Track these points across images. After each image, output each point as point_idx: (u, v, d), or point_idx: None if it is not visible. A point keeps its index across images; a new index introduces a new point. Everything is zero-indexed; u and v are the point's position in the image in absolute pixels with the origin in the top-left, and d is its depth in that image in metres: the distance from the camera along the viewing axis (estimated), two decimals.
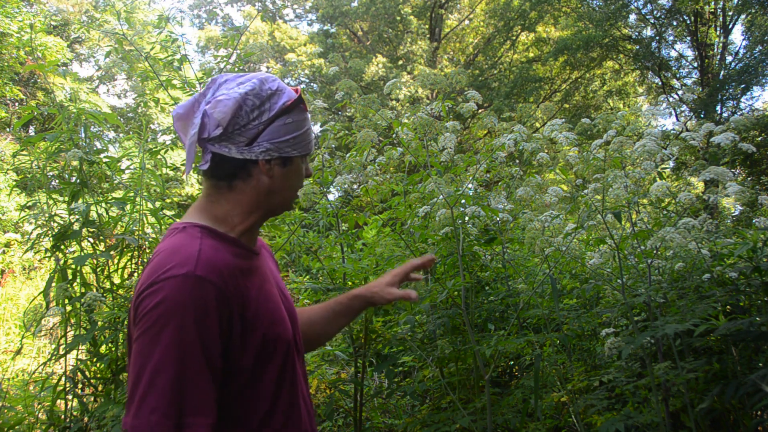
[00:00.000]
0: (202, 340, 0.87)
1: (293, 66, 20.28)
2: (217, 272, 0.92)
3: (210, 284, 0.90)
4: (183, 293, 0.87)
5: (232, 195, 1.03)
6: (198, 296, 0.88)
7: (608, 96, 18.89)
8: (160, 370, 0.84)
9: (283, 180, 1.06)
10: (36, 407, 2.69)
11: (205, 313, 0.88)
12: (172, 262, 0.91)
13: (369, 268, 2.43)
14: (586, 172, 2.08)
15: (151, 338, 0.86)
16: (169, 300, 0.87)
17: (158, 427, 0.83)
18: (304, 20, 26.40)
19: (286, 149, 1.04)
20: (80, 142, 2.48)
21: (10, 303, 6.34)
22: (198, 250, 0.93)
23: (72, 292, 2.32)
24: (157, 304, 0.87)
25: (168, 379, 0.84)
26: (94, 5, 18.23)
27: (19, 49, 10.14)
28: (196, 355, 0.87)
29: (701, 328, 1.93)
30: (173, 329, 0.86)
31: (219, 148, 1.00)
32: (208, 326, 0.89)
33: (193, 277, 0.89)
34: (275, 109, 1.02)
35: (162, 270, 0.90)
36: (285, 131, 1.03)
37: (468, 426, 2.11)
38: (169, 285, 0.88)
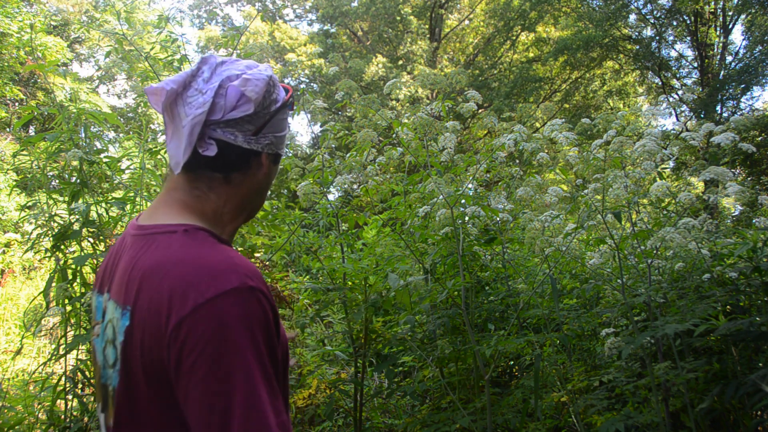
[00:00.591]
0: (272, 357, 0.78)
1: (293, 66, 20.28)
2: (262, 280, 0.81)
3: (262, 294, 0.79)
4: (244, 310, 0.75)
5: (226, 189, 0.91)
6: (258, 309, 0.77)
7: (608, 96, 18.90)
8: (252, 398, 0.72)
9: (270, 178, 0.97)
10: (36, 407, 2.69)
11: (269, 328, 0.78)
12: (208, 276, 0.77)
13: (369, 268, 2.43)
14: (586, 172, 2.08)
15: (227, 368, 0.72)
16: (233, 321, 0.73)
17: None
18: (304, 20, 26.41)
19: (280, 146, 0.96)
20: (80, 142, 2.48)
21: (10, 303, 6.34)
22: (231, 257, 0.81)
23: (72, 292, 2.32)
24: (217, 329, 0.73)
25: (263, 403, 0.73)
26: (94, 5, 18.24)
27: (19, 49, 10.15)
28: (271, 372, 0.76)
29: (701, 328, 1.93)
30: (250, 353, 0.74)
31: (224, 135, 0.88)
32: (274, 341, 0.79)
33: (246, 289, 0.77)
34: (280, 101, 0.94)
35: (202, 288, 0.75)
36: (282, 127, 0.95)
37: (468, 426, 2.11)
38: (224, 304, 0.74)
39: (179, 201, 0.90)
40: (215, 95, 0.87)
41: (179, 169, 0.89)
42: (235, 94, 0.87)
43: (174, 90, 0.88)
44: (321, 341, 3.66)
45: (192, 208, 0.90)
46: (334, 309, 3.79)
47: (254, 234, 2.73)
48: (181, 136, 0.87)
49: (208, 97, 0.87)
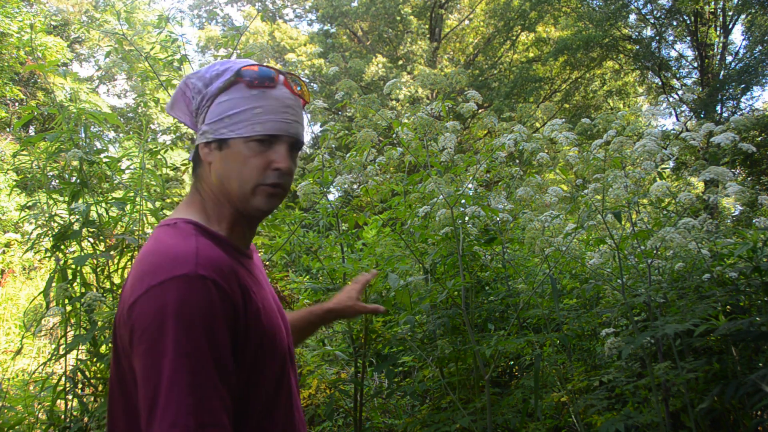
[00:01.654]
0: (212, 345, 0.80)
1: (293, 66, 20.28)
2: (219, 270, 0.85)
3: (213, 284, 0.83)
4: (187, 296, 0.80)
5: (199, 184, 0.99)
6: (203, 298, 0.81)
7: (608, 96, 18.90)
8: (173, 383, 0.77)
9: (223, 164, 0.95)
10: (36, 407, 2.69)
11: (212, 316, 0.81)
12: (168, 263, 0.83)
13: (369, 268, 2.43)
14: (586, 172, 2.08)
15: (157, 351, 0.78)
16: (172, 305, 0.79)
17: None
18: (304, 20, 26.43)
19: (222, 130, 0.94)
20: (80, 142, 2.48)
21: (10, 303, 6.34)
22: (195, 248, 0.86)
23: (72, 292, 2.32)
24: (159, 310, 0.79)
25: (181, 391, 0.77)
26: (94, 5, 18.24)
27: (19, 49, 10.14)
28: (207, 362, 0.79)
29: (701, 328, 1.93)
30: (181, 336, 0.78)
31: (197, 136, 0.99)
32: (217, 330, 0.82)
33: (195, 277, 0.81)
34: (214, 90, 0.96)
35: (156, 272, 0.82)
36: (219, 110, 0.95)
37: (468, 426, 2.11)
38: (169, 288, 0.80)
39: (188, 198, 1.01)
40: None
41: None
42: None
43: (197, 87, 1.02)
44: (321, 341, 3.66)
45: (194, 204, 0.99)
46: None
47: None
48: None
49: None
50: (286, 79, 1.00)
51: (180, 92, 1.01)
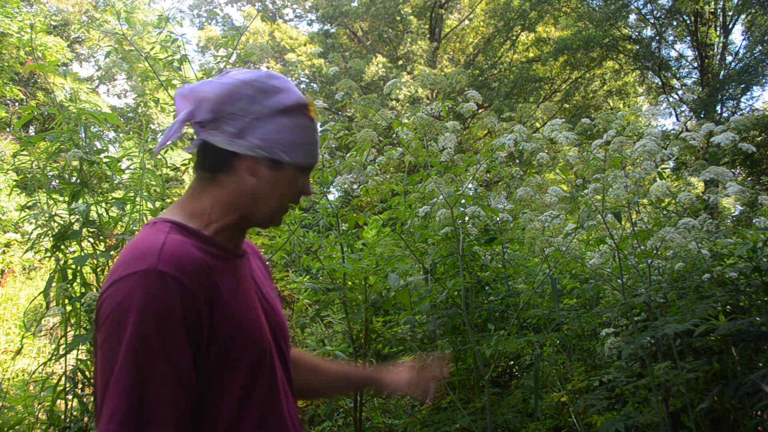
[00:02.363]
0: (165, 341, 0.80)
1: (293, 66, 20.27)
2: (181, 267, 0.84)
3: (173, 280, 0.82)
4: (143, 290, 0.80)
5: (213, 189, 0.96)
6: (159, 293, 0.81)
7: (608, 96, 18.90)
8: (120, 373, 0.78)
9: (270, 185, 0.97)
10: (36, 407, 2.69)
11: (168, 312, 0.81)
12: (132, 259, 0.84)
13: (369, 268, 2.43)
14: (586, 172, 2.08)
15: (113, 343, 0.79)
16: (128, 299, 0.80)
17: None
18: (304, 20, 26.42)
19: (278, 152, 0.95)
20: (80, 142, 2.48)
21: (10, 303, 6.34)
22: (161, 244, 0.86)
23: (72, 292, 2.32)
24: (118, 304, 0.81)
25: (125, 383, 0.77)
26: (94, 5, 18.24)
27: (19, 49, 10.14)
28: (157, 357, 0.79)
29: (701, 328, 1.93)
30: (133, 330, 0.79)
31: (208, 135, 0.94)
32: (172, 326, 0.81)
33: (154, 272, 0.82)
34: (272, 106, 0.95)
35: (122, 268, 0.84)
36: (282, 130, 0.95)
37: (468, 426, 2.11)
38: (129, 283, 0.81)
39: (180, 199, 0.99)
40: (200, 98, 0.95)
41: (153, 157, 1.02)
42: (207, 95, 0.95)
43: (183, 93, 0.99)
44: (321, 341, 3.66)
45: (183, 206, 0.97)
46: (334, 309, 3.79)
47: (254, 234, 2.73)
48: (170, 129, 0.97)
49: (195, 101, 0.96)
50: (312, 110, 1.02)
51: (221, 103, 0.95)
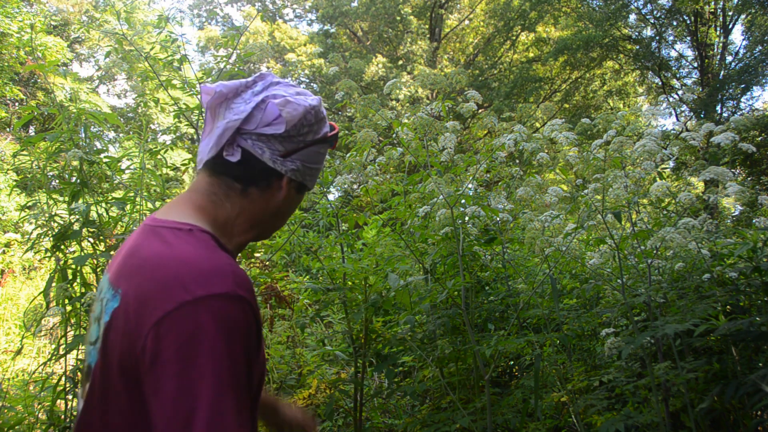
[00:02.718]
0: (248, 366, 0.77)
1: (293, 66, 20.28)
2: (251, 291, 0.81)
3: (249, 305, 0.79)
4: (227, 316, 0.75)
5: (241, 201, 0.93)
6: (242, 319, 0.76)
7: (608, 96, 18.90)
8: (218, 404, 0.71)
9: (290, 205, 0.99)
10: (36, 407, 2.69)
11: (249, 338, 0.77)
12: (202, 277, 0.76)
13: (369, 268, 2.43)
14: (586, 172, 2.08)
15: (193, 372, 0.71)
16: (212, 324, 0.73)
17: None
18: (304, 20, 26.42)
19: (307, 177, 0.97)
20: (80, 142, 2.48)
21: (10, 303, 6.33)
22: (230, 265, 0.81)
23: (72, 292, 2.32)
24: (196, 329, 0.72)
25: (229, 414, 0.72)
26: (94, 5, 18.23)
27: (19, 49, 10.14)
28: (244, 384, 0.75)
29: (701, 328, 1.93)
30: (223, 358, 0.73)
31: (253, 146, 0.91)
32: (251, 352, 0.78)
33: (236, 297, 0.76)
34: (319, 134, 0.97)
35: (190, 286, 0.75)
36: (315, 159, 0.97)
37: (468, 426, 2.11)
38: (208, 306, 0.74)
39: (195, 202, 0.92)
40: (255, 107, 0.91)
41: (200, 166, 0.94)
42: (273, 111, 0.91)
43: (223, 93, 0.92)
44: (321, 341, 3.66)
45: (205, 212, 0.91)
46: (334, 309, 3.79)
47: None
48: (213, 137, 0.91)
49: (249, 108, 0.90)
50: None
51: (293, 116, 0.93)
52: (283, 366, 3.60)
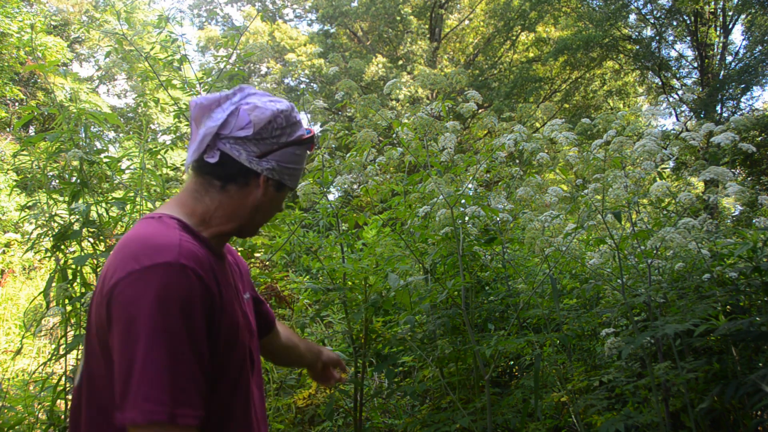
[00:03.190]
0: (189, 330, 0.87)
1: (293, 66, 20.28)
2: (199, 263, 0.92)
3: (194, 273, 0.90)
4: (167, 281, 0.87)
5: (220, 196, 1.04)
6: (183, 285, 0.88)
7: (608, 96, 18.89)
8: (149, 361, 0.83)
9: (270, 203, 1.09)
10: (36, 407, 2.69)
11: (190, 303, 0.88)
12: (151, 250, 0.89)
13: (369, 268, 2.43)
14: (586, 172, 2.08)
15: (136, 330, 0.84)
16: (153, 289, 0.85)
17: (153, 414, 0.82)
18: (304, 20, 26.41)
19: (285, 176, 1.07)
20: (80, 142, 2.48)
21: (10, 303, 6.33)
22: (179, 239, 0.94)
23: (72, 292, 2.32)
24: (139, 293, 0.85)
25: (159, 368, 0.83)
26: (94, 5, 18.23)
27: (19, 49, 10.14)
28: (183, 345, 0.86)
29: (701, 328, 1.93)
30: (159, 318, 0.84)
31: (230, 149, 1.02)
32: (194, 317, 0.88)
33: (177, 265, 0.88)
34: (293, 137, 1.07)
35: (139, 259, 0.88)
36: (291, 160, 1.07)
37: (468, 426, 2.11)
38: (151, 273, 0.87)
39: (179, 198, 1.06)
40: (230, 114, 1.02)
41: (187, 169, 1.06)
42: (244, 116, 1.02)
43: (204, 105, 1.04)
44: (321, 341, 3.66)
45: (184, 205, 1.05)
46: (334, 309, 3.79)
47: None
48: (195, 143, 1.03)
49: (224, 115, 1.02)
50: None
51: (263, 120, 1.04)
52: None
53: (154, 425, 0.82)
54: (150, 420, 0.82)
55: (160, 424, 0.82)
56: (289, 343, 1.49)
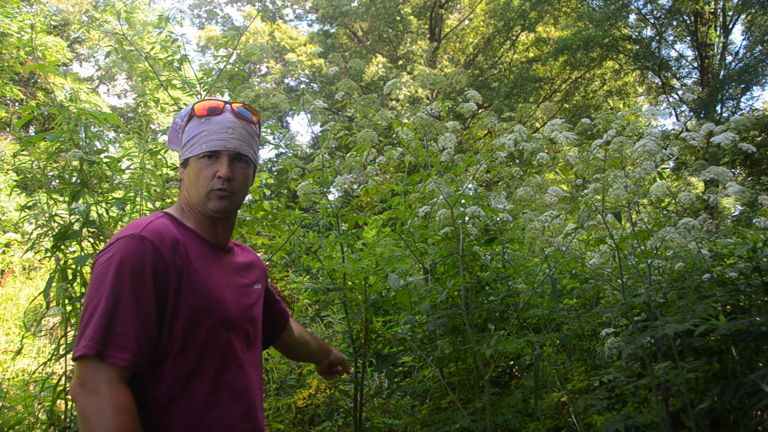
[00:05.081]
0: (135, 286, 1.07)
1: (293, 66, 20.28)
2: (159, 236, 1.14)
3: (149, 243, 1.11)
4: (125, 248, 1.10)
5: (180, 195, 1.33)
6: (137, 251, 1.10)
7: (608, 96, 18.89)
8: (98, 304, 1.05)
9: (186, 179, 1.29)
10: (36, 407, 2.69)
11: (141, 265, 1.09)
12: (125, 229, 1.15)
13: (369, 268, 2.43)
14: (586, 172, 2.08)
15: (97, 283, 1.08)
16: (114, 253, 1.09)
17: (87, 349, 1.01)
18: (304, 20, 26.39)
19: (185, 153, 1.29)
20: (80, 142, 2.48)
21: (10, 303, 6.33)
22: (149, 221, 1.17)
23: (72, 292, 2.32)
24: (107, 258, 1.10)
25: (101, 313, 1.04)
26: (94, 5, 18.23)
27: (19, 49, 10.14)
28: (127, 296, 1.06)
29: (701, 328, 1.93)
30: (113, 276, 1.07)
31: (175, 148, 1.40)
32: (143, 277, 1.09)
33: (137, 237, 1.11)
34: (181, 123, 1.33)
35: (117, 236, 1.14)
36: (184, 138, 1.31)
37: (468, 426, 2.11)
38: (118, 243, 1.11)
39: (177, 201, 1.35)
40: None
41: None
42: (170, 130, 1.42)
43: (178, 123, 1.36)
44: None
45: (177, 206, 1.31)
46: (334, 309, 3.79)
47: (254, 234, 2.73)
48: None
49: None
50: (232, 108, 1.31)
51: (172, 129, 1.37)
52: (284, 366, 3.60)
53: (85, 359, 1.02)
54: (83, 353, 1.02)
55: (89, 358, 1.02)
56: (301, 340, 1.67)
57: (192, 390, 1.14)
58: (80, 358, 1.02)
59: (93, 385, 1.00)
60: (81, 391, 1.01)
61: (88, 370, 1.02)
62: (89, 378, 1.01)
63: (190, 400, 1.14)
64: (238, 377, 1.23)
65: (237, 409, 1.20)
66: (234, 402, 1.20)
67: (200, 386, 1.15)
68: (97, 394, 1.00)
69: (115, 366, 1.02)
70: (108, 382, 1.01)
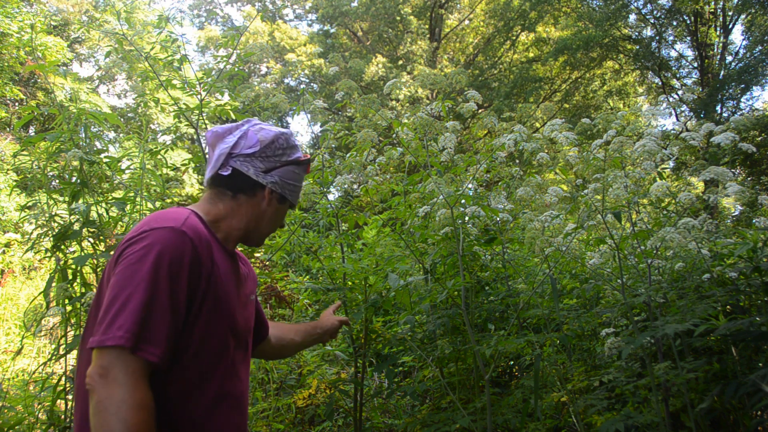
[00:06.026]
0: (172, 282, 1.05)
1: (293, 66, 20.28)
2: (197, 235, 1.12)
3: (190, 240, 1.10)
4: (166, 240, 1.07)
5: (231, 203, 1.26)
6: (178, 245, 1.07)
7: (608, 96, 18.89)
8: (133, 294, 1.01)
9: (273, 213, 1.30)
10: (36, 407, 2.69)
11: (180, 261, 1.07)
12: (161, 219, 1.11)
13: (369, 268, 2.43)
14: (586, 172, 2.08)
15: (132, 271, 1.03)
16: (152, 243, 1.06)
17: (122, 340, 0.97)
18: (304, 20, 26.39)
19: (287, 191, 1.30)
20: (80, 142, 2.48)
21: (10, 303, 6.33)
22: (186, 216, 1.14)
23: (72, 292, 2.32)
24: (143, 246, 1.06)
25: (139, 304, 1.00)
26: (94, 5, 18.23)
27: (19, 49, 10.14)
28: (164, 291, 1.03)
29: (701, 328, 1.93)
30: (150, 267, 1.03)
31: (240, 165, 1.25)
32: (179, 273, 1.06)
33: (178, 230, 1.09)
34: (292, 157, 1.31)
35: (152, 224, 1.10)
36: (292, 177, 1.31)
37: (468, 426, 2.11)
38: (156, 233, 1.07)
39: (197, 204, 1.28)
40: (240, 137, 1.27)
41: (206, 184, 1.30)
42: (252, 137, 1.27)
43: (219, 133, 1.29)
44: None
45: (200, 206, 1.26)
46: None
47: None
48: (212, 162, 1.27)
49: (236, 138, 1.27)
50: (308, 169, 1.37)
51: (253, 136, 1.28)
52: (284, 366, 3.60)
53: (118, 349, 0.98)
54: (117, 344, 0.97)
55: (123, 349, 0.98)
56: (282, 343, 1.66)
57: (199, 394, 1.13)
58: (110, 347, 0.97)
59: (116, 376, 0.96)
60: (102, 382, 0.96)
61: (116, 359, 0.97)
62: (113, 368, 0.96)
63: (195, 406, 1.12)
64: (237, 387, 1.23)
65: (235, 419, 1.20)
66: (233, 411, 1.20)
67: (206, 393, 1.14)
68: (119, 386, 0.95)
69: (144, 360, 0.99)
70: (133, 374, 0.97)
